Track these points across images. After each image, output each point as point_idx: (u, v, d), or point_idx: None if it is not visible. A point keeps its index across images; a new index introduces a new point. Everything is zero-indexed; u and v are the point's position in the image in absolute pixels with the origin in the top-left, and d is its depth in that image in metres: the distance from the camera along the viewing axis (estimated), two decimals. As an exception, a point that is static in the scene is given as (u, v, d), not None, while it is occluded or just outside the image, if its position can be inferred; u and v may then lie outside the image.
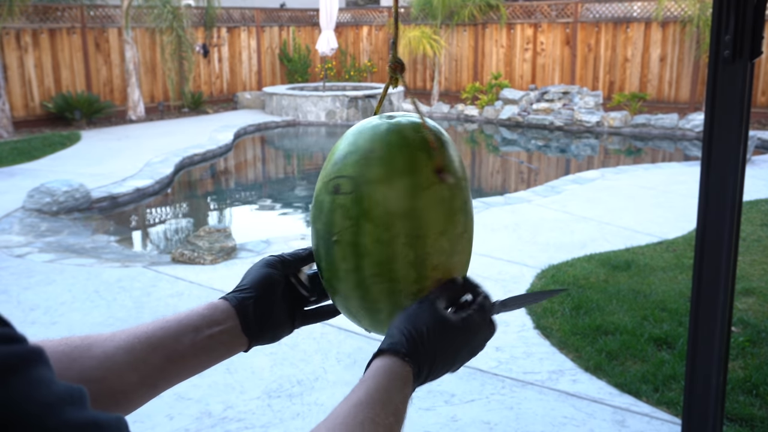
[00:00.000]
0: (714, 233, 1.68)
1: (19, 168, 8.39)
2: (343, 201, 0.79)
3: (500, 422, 2.87)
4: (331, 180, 0.80)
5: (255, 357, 3.44)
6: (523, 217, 6.12)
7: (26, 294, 4.32)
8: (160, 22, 12.56)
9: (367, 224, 0.78)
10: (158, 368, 0.73)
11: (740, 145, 1.62)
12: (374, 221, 0.78)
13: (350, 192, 0.79)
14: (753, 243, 5.22)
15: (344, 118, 12.99)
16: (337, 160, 0.81)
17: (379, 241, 0.78)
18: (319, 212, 0.82)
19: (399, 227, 0.78)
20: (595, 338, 3.61)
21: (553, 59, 13.85)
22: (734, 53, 1.57)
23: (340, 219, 0.79)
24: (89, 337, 0.71)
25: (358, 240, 0.79)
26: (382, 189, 0.78)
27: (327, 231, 0.81)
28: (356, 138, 0.82)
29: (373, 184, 0.78)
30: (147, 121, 12.44)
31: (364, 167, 0.79)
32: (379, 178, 0.78)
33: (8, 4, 10.35)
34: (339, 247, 0.80)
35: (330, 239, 0.80)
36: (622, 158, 10.72)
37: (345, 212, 0.79)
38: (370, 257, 0.79)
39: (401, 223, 0.78)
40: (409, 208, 0.78)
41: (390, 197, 0.78)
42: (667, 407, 2.97)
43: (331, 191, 0.80)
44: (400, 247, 0.78)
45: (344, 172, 0.80)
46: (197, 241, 5.00)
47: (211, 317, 0.78)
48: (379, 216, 0.78)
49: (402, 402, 0.68)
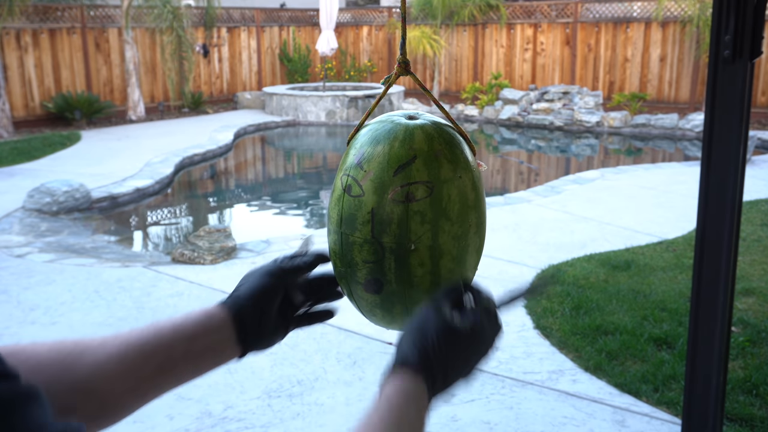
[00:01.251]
0: (714, 233, 1.68)
1: (19, 168, 8.40)
2: (420, 207, 0.79)
3: (500, 422, 2.87)
4: (401, 189, 0.79)
5: (255, 357, 3.44)
6: (523, 217, 6.12)
7: (26, 294, 4.32)
8: (160, 22, 12.57)
9: (446, 223, 0.80)
10: (149, 378, 0.71)
11: (740, 145, 1.62)
12: (452, 219, 0.81)
13: (427, 196, 0.79)
14: (753, 243, 5.22)
15: (344, 118, 12.99)
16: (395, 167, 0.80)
17: (455, 237, 0.81)
18: (386, 226, 0.80)
19: (471, 218, 0.83)
20: (595, 338, 3.61)
21: (553, 59, 13.85)
22: (734, 53, 1.57)
23: (417, 226, 0.80)
24: (81, 342, 0.69)
25: (437, 242, 0.80)
26: (456, 186, 0.81)
27: (399, 243, 0.80)
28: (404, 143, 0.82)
29: (448, 182, 0.80)
30: (147, 121, 12.44)
31: (436, 169, 0.80)
32: (451, 176, 0.81)
33: (8, 4, 10.35)
34: (416, 254, 0.80)
35: (404, 250, 0.80)
36: (622, 158, 10.72)
37: (422, 218, 0.79)
38: (448, 254, 0.81)
39: (472, 214, 0.83)
40: (475, 199, 0.83)
41: (463, 192, 0.82)
42: (667, 407, 2.97)
43: (401, 200, 0.79)
44: (472, 237, 0.83)
45: (414, 178, 0.80)
46: (197, 241, 5.00)
47: (207, 325, 0.77)
48: (456, 213, 0.81)
49: (418, 420, 0.68)
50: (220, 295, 4.37)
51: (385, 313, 0.85)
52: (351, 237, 0.81)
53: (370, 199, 0.80)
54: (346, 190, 0.83)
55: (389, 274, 0.81)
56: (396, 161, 0.80)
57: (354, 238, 0.81)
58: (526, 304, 4.10)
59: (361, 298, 0.85)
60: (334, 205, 0.85)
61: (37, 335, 3.72)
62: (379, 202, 0.80)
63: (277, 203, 8.16)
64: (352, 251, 0.82)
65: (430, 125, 0.84)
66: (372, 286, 0.83)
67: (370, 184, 0.80)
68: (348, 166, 0.84)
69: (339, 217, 0.83)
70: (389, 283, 0.82)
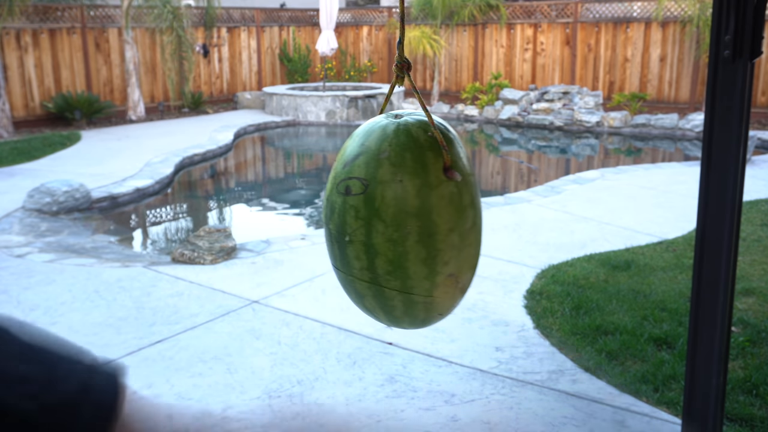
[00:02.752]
0: (714, 233, 1.68)
1: (19, 168, 8.39)
2: (354, 202, 0.81)
3: (500, 422, 2.87)
4: (342, 181, 0.82)
5: (255, 357, 3.45)
6: (523, 217, 6.12)
7: (26, 294, 4.32)
8: (160, 22, 12.56)
9: (378, 224, 0.80)
10: None
11: (740, 145, 1.62)
12: (386, 221, 0.80)
13: (361, 193, 0.80)
14: (753, 243, 5.22)
15: (344, 118, 12.99)
16: (347, 161, 0.83)
17: (390, 240, 0.80)
18: (331, 213, 0.84)
19: (410, 226, 0.80)
20: (595, 338, 3.61)
21: (553, 59, 13.85)
22: (734, 53, 1.57)
23: (351, 219, 0.81)
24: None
25: (370, 240, 0.80)
26: (393, 189, 0.79)
27: (339, 232, 0.83)
28: (365, 139, 0.83)
29: (384, 184, 0.80)
30: (147, 121, 12.44)
31: (375, 168, 0.80)
32: (390, 179, 0.80)
33: (8, 4, 10.35)
34: (352, 246, 0.82)
35: (343, 239, 0.82)
36: (622, 158, 10.72)
37: (356, 213, 0.81)
38: (383, 256, 0.81)
39: (412, 222, 0.80)
40: (419, 207, 0.80)
41: (401, 197, 0.79)
42: (667, 407, 2.97)
43: (342, 192, 0.82)
44: (411, 245, 0.80)
45: (355, 174, 0.81)
46: (197, 241, 5.00)
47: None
48: (390, 215, 0.80)
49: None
50: (220, 295, 4.39)
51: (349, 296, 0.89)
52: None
53: (328, 188, 0.85)
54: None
55: (336, 260, 0.86)
56: (349, 155, 0.83)
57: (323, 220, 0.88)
58: (526, 304, 4.10)
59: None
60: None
61: (37, 335, 3.72)
62: (330, 191, 0.84)
63: (277, 203, 8.16)
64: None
65: (396, 126, 0.82)
66: (335, 270, 0.88)
67: (330, 175, 0.85)
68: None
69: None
70: (337, 268, 0.86)
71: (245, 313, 3.97)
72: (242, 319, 3.90)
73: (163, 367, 3.35)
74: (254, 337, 3.67)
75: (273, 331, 3.75)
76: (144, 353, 3.50)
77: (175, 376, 3.25)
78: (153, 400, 0.55)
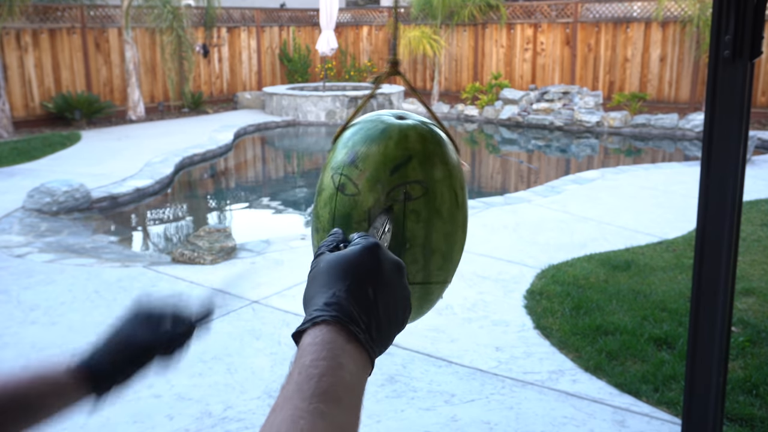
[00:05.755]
0: (714, 233, 1.68)
1: (19, 168, 8.39)
2: (415, 206, 0.80)
3: (500, 422, 2.87)
4: (396, 188, 0.80)
5: (255, 357, 3.45)
6: (523, 217, 6.12)
7: (26, 294, 4.32)
8: (160, 22, 12.56)
9: (438, 222, 0.82)
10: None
11: (740, 145, 1.62)
12: (443, 217, 0.82)
13: (422, 195, 0.80)
14: (753, 243, 5.22)
15: (344, 118, 12.97)
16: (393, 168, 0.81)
17: (446, 234, 0.83)
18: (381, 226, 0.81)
19: (459, 217, 0.84)
20: (595, 338, 3.61)
21: (553, 59, 13.85)
22: (734, 53, 1.57)
23: (412, 224, 0.81)
24: None
25: (429, 240, 0.82)
26: (447, 185, 0.82)
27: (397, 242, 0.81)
28: (400, 143, 0.83)
29: (439, 182, 0.82)
30: (147, 121, 12.44)
31: (429, 169, 0.81)
32: (442, 176, 0.82)
33: (8, 4, 10.35)
34: (410, 252, 0.81)
35: (403, 248, 0.81)
36: (622, 158, 10.72)
37: (417, 216, 0.81)
38: (438, 252, 0.83)
39: (459, 213, 0.84)
40: (462, 198, 0.85)
41: (452, 191, 0.83)
42: (667, 407, 2.97)
43: (401, 199, 0.80)
44: (459, 235, 0.85)
45: (411, 177, 0.81)
46: (197, 241, 5.01)
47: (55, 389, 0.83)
48: (446, 211, 0.82)
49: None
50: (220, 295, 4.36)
51: None
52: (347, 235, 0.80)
53: (367, 197, 0.80)
54: (339, 188, 0.82)
55: None
56: (392, 161, 0.81)
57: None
58: (526, 304, 4.10)
59: None
60: (324, 204, 0.84)
61: (37, 335, 3.73)
62: (375, 201, 0.80)
63: (277, 203, 8.16)
64: None
65: (422, 126, 0.86)
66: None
67: (366, 183, 0.80)
68: (339, 164, 0.83)
69: (331, 216, 0.83)
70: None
71: (245, 313, 3.97)
72: (242, 319, 3.90)
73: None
74: (254, 337, 3.67)
75: (273, 331, 3.75)
76: (144, 353, 3.50)
77: (175, 376, 3.24)
78: None
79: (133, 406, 2.95)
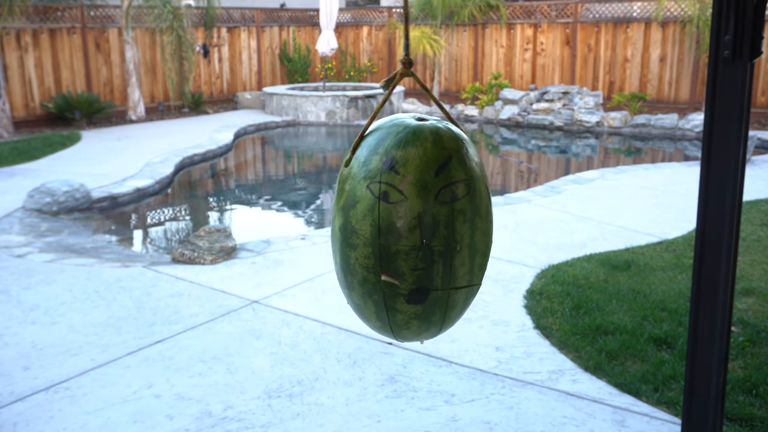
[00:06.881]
0: (714, 233, 1.68)
1: (19, 168, 8.39)
2: (461, 206, 0.77)
3: (500, 422, 2.87)
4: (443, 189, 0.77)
5: (255, 357, 3.45)
6: (523, 217, 6.12)
7: (26, 294, 4.32)
8: (160, 22, 12.56)
9: (478, 220, 0.79)
10: None
11: (740, 145, 1.62)
12: (482, 215, 0.80)
13: (466, 194, 0.78)
14: (753, 243, 5.22)
15: (344, 119, 12.99)
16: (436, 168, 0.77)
17: (484, 233, 0.80)
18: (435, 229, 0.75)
19: (491, 214, 0.83)
20: (595, 338, 3.61)
21: (553, 59, 13.85)
22: (734, 53, 1.57)
23: (460, 225, 0.77)
24: None
25: (473, 240, 0.79)
26: (483, 183, 0.82)
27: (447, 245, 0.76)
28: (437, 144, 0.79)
29: (478, 180, 0.80)
30: (147, 121, 12.44)
31: (468, 167, 0.79)
32: (479, 174, 0.81)
33: (8, 4, 10.35)
34: (460, 255, 0.77)
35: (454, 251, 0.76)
36: (622, 158, 10.72)
37: (464, 216, 0.77)
38: (479, 252, 0.80)
39: (491, 210, 0.84)
40: (489, 193, 0.85)
41: (486, 189, 0.83)
42: (667, 407, 2.97)
43: (447, 200, 0.77)
44: (491, 233, 0.84)
45: (454, 177, 0.77)
46: (197, 241, 5.01)
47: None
48: (484, 208, 0.81)
49: None
50: (220, 295, 4.39)
51: (422, 323, 0.80)
52: (395, 246, 0.75)
53: (415, 203, 0.76)
54: (381, 197, 0.77)
55: (437, 279, 0.76)
56: (434, 162, 0.77)
57: (399, 247, 0.75)
58: (526, 304, 4.10)
59: (399, 311, 0.78)
60: (363, 217, 0.77)
61: (37, 335, 3.73)
62: (424, 205, 0.76)
63: (277, 203, 8.16)
64: (396, 261, 0.76)
65: (446, 125, 0.83)
66: (416, 296, 0.77)
67: (412, 189, 0.76)
68: (375, 172, 0.77)
69: (375, 228, 0.76)
70: (436, 289, 0.77)
71: (245, 313, 3.97)
72: (242, 319, 3.90)
73: (163, 366, 3.35)
74: (254, 337, 3.67)
75: (273, 331, 3.76)
76: (144, 353, 3.51)
77: (175, 376, 3.25)
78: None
79: (133, 406, 2.95)
